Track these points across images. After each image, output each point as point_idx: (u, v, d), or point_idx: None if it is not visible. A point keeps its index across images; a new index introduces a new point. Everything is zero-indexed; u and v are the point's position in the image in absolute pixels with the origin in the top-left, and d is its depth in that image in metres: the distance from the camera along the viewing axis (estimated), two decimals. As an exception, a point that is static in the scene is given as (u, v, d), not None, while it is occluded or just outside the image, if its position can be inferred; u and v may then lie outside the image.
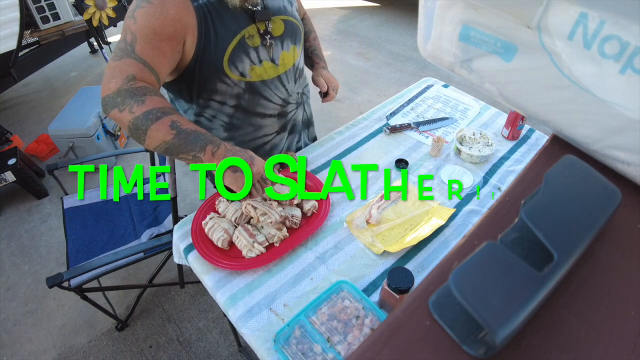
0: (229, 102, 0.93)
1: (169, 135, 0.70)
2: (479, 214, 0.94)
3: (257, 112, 0.98)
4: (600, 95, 0.34)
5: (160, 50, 0.75)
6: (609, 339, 0.29)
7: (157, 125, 0.69)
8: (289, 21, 0.95)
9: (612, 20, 0.31)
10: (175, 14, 0.76)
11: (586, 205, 0.33)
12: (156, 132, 0.69)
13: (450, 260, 0.35)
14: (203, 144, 0.71)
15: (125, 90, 0.70)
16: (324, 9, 4.44)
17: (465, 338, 0.30)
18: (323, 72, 1.15)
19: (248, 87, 0.92)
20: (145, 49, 0.74)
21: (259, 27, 0.88)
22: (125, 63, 0.73)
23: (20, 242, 1.97)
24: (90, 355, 1.50)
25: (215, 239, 0.85)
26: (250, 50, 0.87)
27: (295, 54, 0.99)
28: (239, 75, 0.88)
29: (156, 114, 0.70)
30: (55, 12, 2.63)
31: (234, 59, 0.86)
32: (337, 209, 0.96)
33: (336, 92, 1.17)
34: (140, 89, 0.71)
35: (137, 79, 0.72)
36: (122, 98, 0.70)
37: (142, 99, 0.70)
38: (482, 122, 1.26)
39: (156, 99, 0.72)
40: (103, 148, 2.28)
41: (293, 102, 1.05)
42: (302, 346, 0.67)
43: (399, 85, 3.07)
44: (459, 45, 0.43)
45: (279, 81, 0.96)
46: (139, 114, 0.69)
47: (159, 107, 0.71)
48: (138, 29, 0.74)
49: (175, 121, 0.71)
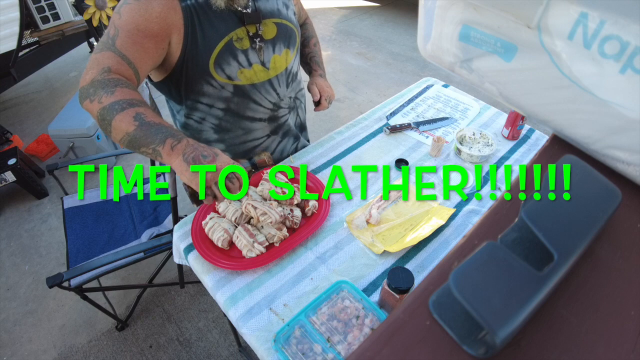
0: (217, 105, 0.92)
1: (132, 126, 0.68)
2: (479, 214, 0.94)
3: (247, 116, 0.96)
4: (600, 95, 0.34)
5: (142, 46, 0.76)
6: (609, 339, 0.29)
7: (121, 116, 0.68)
8: (282, 24, 0.93)
9: (612, 20, 0.31)
10: (161, 12, 0.76)
11: (586, 205, 0.33)
12: (120, 123, 0.68)
13: (450, 260, 0.35)
14: (163, 137, 0.68)
15: (98, 81, 0.71)
16: (324, 9, 4.44)
17: (466, 338, 0.30)
18: (318, 81, 1.13)
19: (237, 91, 0.91)
20: (126, 44, 0.74)
21: (249, 30, 0.87)
22: (104, 56, 0.73)
23: (20, 242, 1.97)
24: (91, 355, 1.50)
25: (216, 239, 0.85)
26: (239, 53, 0.86)
27: (288, 58, 0.97)
28: (225, 78, 0.87)
29: (122, 105, 0.69)
30: (55, 12, 2.63)
31: (220, 61, 0.85)
32: (337, 209, 0.96)
33: (329, 103, 1.14)
34: (112, 81, 0.71)
35: (112, 71, 0.72)
36: (95, 89, 0.70)
37: (112, 90, 0.70)
38: (482, 122, 1.26)
39: (126, 90, 0.71)
40: (103, 148, 2.28)
41: (285, 107, 1.03)
42: (302, 346, 0.67)
43: (399, 85, 3.07)
44: (459, 45, 0.43)
45: (269, 85, 0.95)
46: (106, 104, 0.69)
47: (127, 98, 0.70)
48: (122, 24, 0.74)
49: (140, 113, 0.69)
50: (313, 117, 2.57)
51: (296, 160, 1.10)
